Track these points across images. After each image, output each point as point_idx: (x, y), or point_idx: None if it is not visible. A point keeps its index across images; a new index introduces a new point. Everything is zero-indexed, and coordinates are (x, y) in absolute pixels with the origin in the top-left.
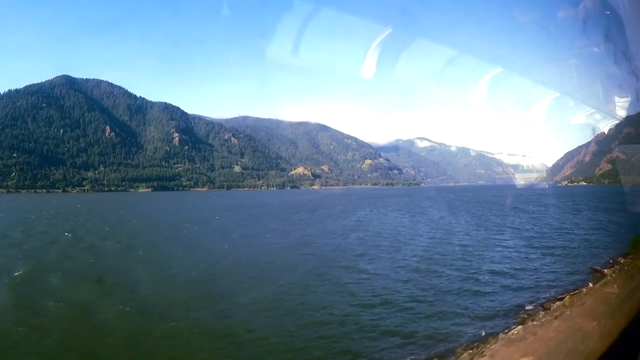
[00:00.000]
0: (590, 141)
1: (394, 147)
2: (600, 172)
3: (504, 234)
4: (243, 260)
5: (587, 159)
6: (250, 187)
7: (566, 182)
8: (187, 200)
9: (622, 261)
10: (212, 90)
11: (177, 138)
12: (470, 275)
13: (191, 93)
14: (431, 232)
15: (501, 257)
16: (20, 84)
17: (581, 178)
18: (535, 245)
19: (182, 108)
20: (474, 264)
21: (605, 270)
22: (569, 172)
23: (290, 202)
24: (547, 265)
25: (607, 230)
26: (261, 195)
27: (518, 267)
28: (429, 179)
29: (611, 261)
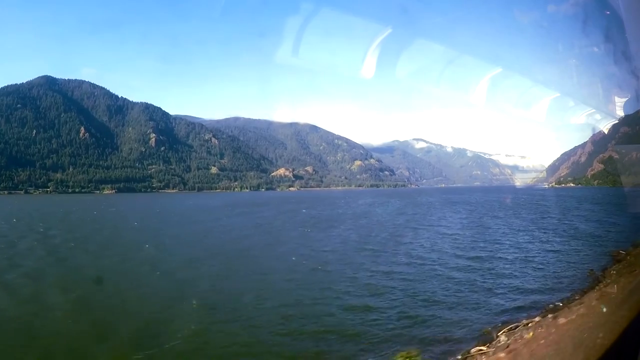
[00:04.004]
0: (587, 141)
1: (389, 148)
2: (592, 172)
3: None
4: None
5: (583, 159)
6: (223, 189)
7: (553, 183)
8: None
9: (622, 261)
10: (211, 91)
11: (153, 139)
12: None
13: (190, 94)
14: None
15: (500, 265)
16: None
17: (570, 179)
18: (533, 246)
19: (179, 109)
20: None
21: (605, 270)
22: (565, 173)
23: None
24: (548, 267)
25: (606, 231)
26: (194, 199)
27: (516, 269)
28: (424, 180)
29: (610, 261)
